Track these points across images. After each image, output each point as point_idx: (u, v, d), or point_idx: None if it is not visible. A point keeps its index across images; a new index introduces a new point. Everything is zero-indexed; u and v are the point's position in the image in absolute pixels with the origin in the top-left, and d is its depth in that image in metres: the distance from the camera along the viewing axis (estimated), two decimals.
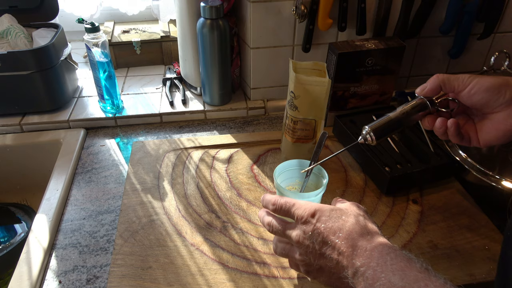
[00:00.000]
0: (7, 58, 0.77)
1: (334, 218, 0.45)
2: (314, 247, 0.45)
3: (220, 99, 0.88)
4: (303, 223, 0.46)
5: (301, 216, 0.46)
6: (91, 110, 0.87)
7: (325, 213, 0.45)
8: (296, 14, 0.77)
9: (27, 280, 0.54)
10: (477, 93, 0.49)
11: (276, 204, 0.49)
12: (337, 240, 0.43)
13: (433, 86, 0.54)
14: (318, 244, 0.44)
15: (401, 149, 0.72)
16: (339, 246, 0.43)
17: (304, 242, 0.45)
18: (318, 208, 0.46)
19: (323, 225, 0.44)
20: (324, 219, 0.45)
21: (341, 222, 0.44)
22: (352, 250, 0.42)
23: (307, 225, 0.45)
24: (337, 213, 0.46)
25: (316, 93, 0.64)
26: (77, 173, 0.74)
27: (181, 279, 0.54)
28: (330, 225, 0.44)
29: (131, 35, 1.04)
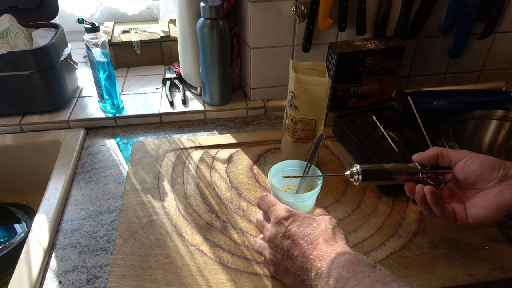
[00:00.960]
0: (7, 58, 0.77)
1: (305, 224, 0.48)
2: (283, 248, 0.47)
3: (220, 99, 0.88)
4: (277, 224, 0.49)
5: (276, 217, 0.49)
6: (91, 110, 0.87)
7: (298, 218, 0.48)
8: (296, 14, 0.77)
9: (27, 280, 0.54)
10: (473, 164, 0.51)
11: (261, 199, 0.53)
12: (304, 244, 0.46)
13: (429, 155, 0.56)
14: (287, 245, 0.47)
15: (401, 149, 0.71)
16: (305, 250, 0.45)
17: (275, 242, 0.48)
18: (293, 213, 0.49)
19: (294, 228, 0.47)
20: (296, 224, 0.48)
21: (311, 228, 0.47)
22: (316, 254, 0.44)
23: (280, 226, 0.48)
24: (309, 220, 0.49)
25: (316, 93, 0.64)
26: (77, 173, 0.74)
27: (181, 279, 0.54)
28: (300, 229, 0.47)
29: (131, 35, 1.04)
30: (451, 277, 0.55)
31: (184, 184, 0.70)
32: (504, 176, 0.50)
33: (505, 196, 0.49)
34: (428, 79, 0.96)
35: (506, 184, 0.50)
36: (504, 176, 0.50)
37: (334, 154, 0.78)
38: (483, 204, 0.50)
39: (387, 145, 0.72)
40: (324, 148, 0.79)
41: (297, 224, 0.48)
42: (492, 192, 0.50)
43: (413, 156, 0.57)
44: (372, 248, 0.59)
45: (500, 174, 0.50)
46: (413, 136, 0.75)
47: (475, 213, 0.51)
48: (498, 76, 0.99)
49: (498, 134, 0.79)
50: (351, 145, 0.77)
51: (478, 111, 0.78)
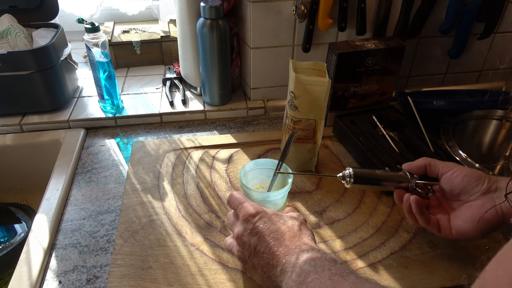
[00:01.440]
0: (7, 58, 0.77)
1: (272, 221, 0.48)
2: (250, 245, 0.48)
3: (220, 99, 0.88)
4: (244, 221, 0.49)
5: (244, 214, 0.50)
6: (91, 110, 0.87)
7: (266, 216, 0.49)
8: (296, 14, 0.77)
9: (27, 280, 0.54)
10: (458, 176, 0.52)
11: (230, 197, 0.53)
12: (270, 240, 0.46)
13: (418, 165, 0.57)
14: (254, 242, 0.47)
15: (401, 149, 0.72)
16: (271, 247, 0.46)
17: (242, 239, 0.49)
18: (261, 210, 0.50)
19: (261, 225, 0.48)
20: (263, 220, 0.48)
21: (278, 225, 0.48)
22: (281, 251, 0.45)
23: (248, 223, 0.49)
24: (277, 217, 0.49)
25: (316, 93, 0.64)
26: (77, 173, 0.74)
27: (181, 279, 0.54)
28: (267, 226, 0.48)
29: (131, 35, 1.04)
30: (451, 277, 0.55)
31: (184, 184, 0.70)
32: (487, 189, 0.50)
33: (486, 209, 0.49)
34: (428, 79, 0.96)
35: (489, 197, 0.50)
36: (488, 189, 0.50)
37: (334, 154, 0.78)
38: (466, 217, 0.51)
39: (387, 145, 0.72)
40: (324, 148, 0.79)
41: (264, 221, 0.48)
42: (475, 204, 0.51)
43: (403, 165, 0.59)
44: (372, 248, 0.59)
45: (484, 187, 0.51)
46: (413, 136, 0.75)
47: (458, 225, 0.52)
48: (498, 76, 0.99)
49: (498, 134, 0.79)
50: (351, 145, 0.77)
51: (478, 111, 0.78)
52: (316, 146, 0.70)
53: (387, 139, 0.73)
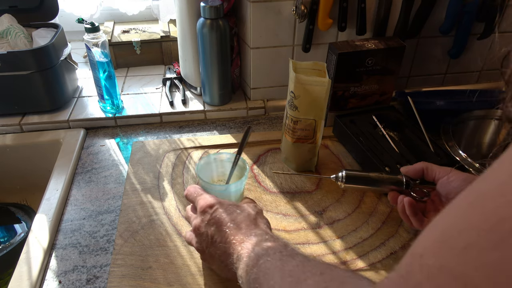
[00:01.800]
0: (7, 58, 0.77)
1: (229, 211, 0.49)
2: (207, 235, 0.49)
3: (220, 99, 0.88)
4: (202, 213, 0.50)
5: (201, 206, 0.51)
6: (91, 110, 0.87)
7: (222, 206, 0.50)
8: (296, 14, 0.77)
9: (27, 280, 0.54)
10: (455, 181, 0.53)
11: (188, 190, 0.55)
12: (227, 230, 0.47)
13: (416, 168, 0.58)
14: (211, 232, 0.48)
15: (401, 149, 0.71)
16: (227, 236, 0.47)
17: (200, 230, 0.50)
18: (218, 201, 0.51)
19: (218, 216, 0.49)
20: (220, 211, 0.49)
21: (234, 215, 0.49)
22: (237, 239, 0.46)
23: (205, 214, 0.50)
24: (233, 207, 0.50)
25: (316, 93, 0.64)
26: (77, 173, 0.74)
27: (181, 279, 0.54)
28: (224, 216, 0.48)
29: (131, 35, 1.04)
30: None
31: (184, 184, 0.70)
32: None
33: None
34: (428, 79, 0.96)
35: None
36: None
37: (334, 154, 0.78)
38: None
39: (387, 145, 0.72)
40: (324, 148, 0.79)
41: (221, 212, 0.49)
42: None
43: (401, 169, 0.60)
44: (372, 248, 0.59)
45: None
46: (413, 136, 0.75)
47: None
48: (498, 76, 0.99)
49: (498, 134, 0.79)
50: (351, 145, 0.77)
51: (478, 111, 0.78)
52: (316, 146, 0.70)
53: (387, 139, 0.73)
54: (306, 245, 0.59)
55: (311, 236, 0.61)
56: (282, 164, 0.75)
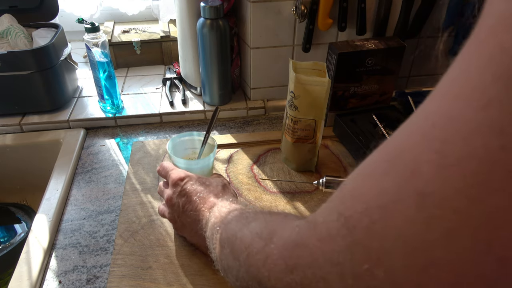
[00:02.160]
0: (7, 58, 0.77)
1: (198, 183, 0.53)
2: (178, 206, 0.52)
3: (220, 99, 0.88)
4: (173, 185, 0.54)
5: (173, 179, 0.54)
6: (91, 110, 0.87)
7: (192, 179, 0.54)
8: (296, 14, 0.77)
9: (27, 280, 0.54)
10: None
11: (160, 166, 0.58)
12: (196, 199, 0.51)
13: None
14: (182, 202, 0.52)
15: None
16: (197, 204, 0.50)
17: (172, 201, 0.53)
18: (188, 174, 0.54)
19: (188, 187, 0.52)
20: (190, 183, 0.53)
21: (204, 186, 0.53)
22: (206, 206, 0.50)
23: (177, 187, 0.53)
24: (202, 180, 0.54)
25: (316, 93, 0.64)
26: (77, 173, 0.74)
27: (181, 279, 0.54)
28: (194, 187, 0.52)
29: (131, 35, 1.04)
30: None
31: None
32: None
33: None
34: (428, 79, 0.96)
35: None
36: None
37: (334, 154, 0.78)
38: None
39: None
40: (324, 148, 0.79)
41: (191, 184, 0.53)
42: None
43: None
44: None
45: None
46: None
47: None
48: None
49: None
50: (351, 144, 0.77)
51: None
52: (316, 146, 0.70)
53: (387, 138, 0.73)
54: None
55: None
56: (282, 164, 0.75)
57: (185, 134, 0.65)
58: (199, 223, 0.49)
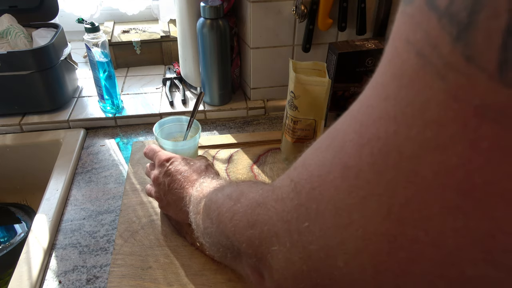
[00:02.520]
0: (7, 58, 0.77)
1: (183, 164, 0.56)
2: (164, 184, 0.55)
3: (220, 99, 0.88)
4: (159, 166, 0.57)
5: (159, 160, 0.57)
6: (91, 110, 0.87)
7: (177, 160, 0.56)
8: (296, 14, 0.77)
9: (27, 280, 0.54)
10: None
11: (147, 148, 0.61)
12: (181, 178, 0.53)
13: None
14: (168, 181, 0.54)
15: None
16: (181, 183, 0.53)
17: (158, 180, 0.56)
18: (174, 156, 0.57)
19: (173, 168, 0.55)
20: (175, 164, 0.55)
21: (188, 166, 0.55)
22: (189, 184, 0.52)
23: (162, 167, 0.56)
24: (187, 160, 0.56)
25: (316, 93, 0.64)
26: (77, 173, 0.74)
27: (181, 279, 0.54)
28: (179, 167, 0.55)
29: (131, 35, 1.04)
30: None
31: None
32: None
33: None
34: None
35: None
36: None
37: None
38: None
39: None
40: None
41: (176, 164, 0.55)
42: None
43: None
44: None
45: None
46: None
47: None
48: None
49: None
50: None
51: None
52: None
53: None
54: None
55: None
56: (282, 164, 0.75)
57: (172, 119, 0.67)
58: (183, 200, 0.52)
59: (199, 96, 0.66)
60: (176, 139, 0.68)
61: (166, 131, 0.67)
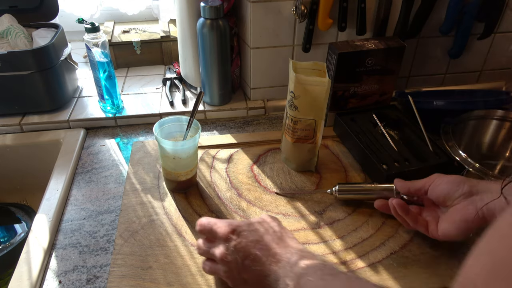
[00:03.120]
0: (7, 58, 0.77)
1: (252, 232, 0.49)
2: (236, 262, 0.48)
3: (220, 99, 0.88)
4: (224, 240, 0.49)
5: (222, 233, 0.50)
6: (91, 110, 0.87)
7: (243, 228, 0.50)
8: (296, 14, 0.77)
9: (27, 280, 0.54)
10: (440, 185, 0.56)
11: (200, 225, 0.53)
12: (257, 252, 0.47)
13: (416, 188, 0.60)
14: (241, 258, 0.47)
15: (400, 148, 0.72)
16: (259, 258, 0.46)
17: (227, 258, 0.48)
18: (236, 224, 0.50)
19: (243, 240, 0.48)
20: (244, 234, 0.49)
21: (259, 234, 0.49)
22: (271, 260, 0.46)
23: (229, 242, 0.49)
24: (254, 226, 0.50)
25: (316, 93, 0.64)
26: (77, 173, 0.74)
27: (181, 279, 0.54)
28: (250, 239, 0.48)
29: (131, 35, 1.04)
30: (451, 277, 0.54)
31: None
32: (469, 193, 0.53)
33: (467, 211, 0.52)
34: (428, 79, 0.96)
35: (470, 200, 0.52)
36: (469, 192, 0.53)
37: (334, 154, 0.78)
38: (449, 219, 0.54)
39: (387, 143, 0.73)
40: (324, 148, 0.79)
41: (244, 235, 0.49)
42: (457, 208, 0.54)
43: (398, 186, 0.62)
44: (372, 248, 0.59)
45: (464, 190, 0.53)
46: (413, 136, 0.75)
47: (442, 227, 0.55)
48: (498, 76, 0.99)
49: (498, 134, 0.79)
50: (350, 143, 0.77)
51: (478, 111, 0.78)
52: (316, 146, 0.70)
53: (386, 137, 0.73)
54: (306, 245, 0.59)
55: (311, 236, 0.61)
56: (282, 164, 0.75)
57: (172, 119, 0.67)
58: (265, 278, 0.45)
59: (199, 96, 0.66)
60: (176, 139, 0.68)
61: (166, 131, 0.67)
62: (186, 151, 0.63)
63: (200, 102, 0.67)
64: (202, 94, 0.67)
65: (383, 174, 0.66)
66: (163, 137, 0.65)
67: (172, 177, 0.66)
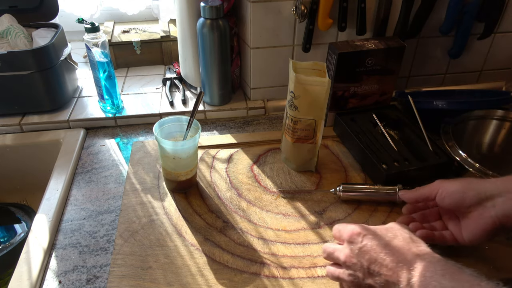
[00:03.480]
0: (7, 58, 0.77)
1: (379, 236, 0.47)
2: (362, 265, 0.46)
3: (220, 99, 0.88)
4: (350, 242, 0.48)
5: (348, 235, 0.48)
6: (91, 110, 0.87)
7: (370, 231, 0.48)
8: (296, 14, 0.77)
9: (27, 280, 0.54)
10: (446, 196, 0.52)
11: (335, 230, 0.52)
12: (384, 256, 0.44)
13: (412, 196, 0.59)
14: (366, 261, 0.45)
15: (400, 148, 0.72)
16: (388, 263, 0.43)
17: (351, 261, 0.47)
18: (363, 227, 0.49)
19: (370, 242, 0.46)
20: (370, 237, 0.47)
21: (387, 239, 0.46)
22: (401, 265, 0.43)
23: (354, 244, 0.47)
24: (382, 231, 0.48)
25: (316, 93, 0.64)
26: (77, 173, 0.74)
27: (181, 279, 0.54)
28: (376, 242, 0.46)
29: (131, 35, 1.04)
30: None
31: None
32: (478, 200, 0.50)
33: (483, 221, 0.49)
34: (428, 79, 0.96)
35: (483, 208, 0.50)
36: (478, 200, 0.50)
37: (334, 154, 0.78)
38: (469, 228, 0.52)
39: (386, 143, 0.73)
40: (324, 148, 0.79)
41: (371, 238, 0.46)
42: (473, 216, 0.51)
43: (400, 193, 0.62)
44: None
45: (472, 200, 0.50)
46: (413, 135, 0.75)
47: (467, 235, 0.52)
48: (498, 76, 0.99)
49: (498, 134, 0.79)
50: (350, 143, 0.77)
51: (478, 111, 0.78)
52: (316, 146, 0.70)
53: (386, 137, 0.73)
54: (306, 245, 0.59)
55: (311, 236, 0.61)
56: (282, 164, 0.75)
57: (172, 119, 0.67)
58: (394, 285, 0.43)
59: (199, 96, 0.66)
60: (176, 139, 0.68)
61: (166, 131, 0.67)
62: (186, 151, 0.63)
63: (200, 102, 0.68)
64: (202, 94, 0.67)
65: (383, 174, 0.66)
66: (163, 137, 0.65)
67: (172, 177, 0.66)
